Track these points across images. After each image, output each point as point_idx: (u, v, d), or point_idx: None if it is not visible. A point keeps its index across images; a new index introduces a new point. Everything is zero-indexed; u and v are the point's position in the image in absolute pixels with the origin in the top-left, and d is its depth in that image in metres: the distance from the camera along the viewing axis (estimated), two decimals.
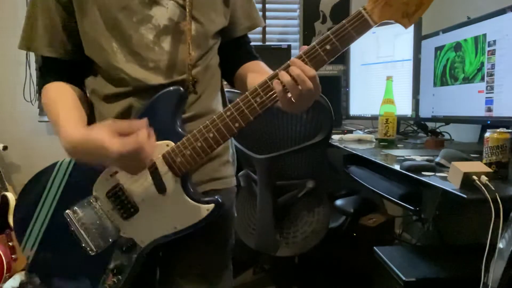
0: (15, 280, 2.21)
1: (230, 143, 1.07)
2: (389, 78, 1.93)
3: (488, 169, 1.03)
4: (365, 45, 2.38)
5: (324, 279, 2.30)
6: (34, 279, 0.97)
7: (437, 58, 2.01)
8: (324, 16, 2.86)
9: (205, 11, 0.95)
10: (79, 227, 0.93)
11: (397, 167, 1.29)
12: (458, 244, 2.05)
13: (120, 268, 0.93)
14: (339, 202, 1.78)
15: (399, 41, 2.21)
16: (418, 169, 1.21)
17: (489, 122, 1.67)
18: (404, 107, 2.14)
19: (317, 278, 2.29)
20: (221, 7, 0.99)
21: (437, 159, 1.30)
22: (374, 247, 1.62)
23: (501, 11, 1.60)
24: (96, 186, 0.93)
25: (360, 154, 1.63)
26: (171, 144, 0.88)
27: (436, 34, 2.02)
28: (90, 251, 0.93)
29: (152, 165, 0.88)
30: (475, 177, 0.99)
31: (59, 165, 0.96)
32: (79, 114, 0.92)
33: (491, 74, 1.65)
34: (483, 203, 0.94)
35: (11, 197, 2.34)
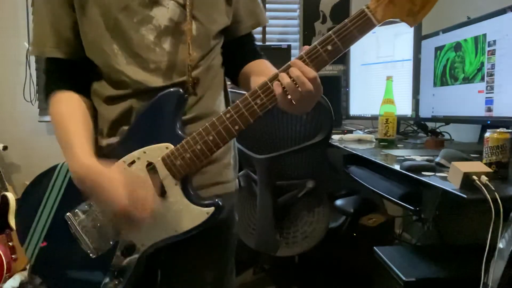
0: (15, 280, 2.20)
1: (232, 144, 1.05)
2: (389, 78, 1.93)
3: (488, 169, 1.03)
4: (365, 45, 2.38)
5: (324, 279, 2.30)
6: (36, 279, 0.97)
7: (437, 58, 2.01)
8: (324, 16, 2.86)
9: (206, 11, 0.94)
10: (79, 230, 0.93)
11: (397, 167, 1.29)
12: (458, 244, 2.05)
13: (121, 271, 0.92)
14: (339, 202, 1.78)
15: (399, 41, 2.21)
16: (418, 169, 1.21)
17: (489, 122, 1.67)
18: (404, 107, 2.14)
19: (317, 278, 2.29)
20: (223, 6, 0.97)
21: (437, 159, 1.30)
22: (374, 247, 1.62)
23: (501, 11, 1.60)
24: None
25: (360, 154, 1.63)
26: (170, 146, 0.87)
27: (436, 34, 2.01)
28: (91, 254, 0.92)
29: (151, 168, 0.87)
30: (475, 177, 0.99)
31: (60, 167, 0.96)
32: (91, 139, 0.92)
33: (491, 74, 1.65)
34: (483, 203, 0.94)
35: (11, 197, 2.34)
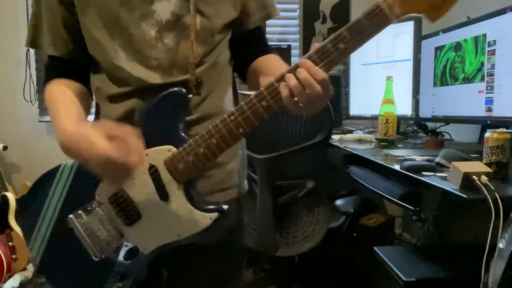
0: (15, 280, 2.20)
1: (240, 145, 0.99)
2: (389, 78, 1.93)
3: (488, 169, 1.03)
4: (365, 45, 2.37)
5: (324, 279, 2.30)
6: (38, 279, 0.97)
7: (437, 58, 2.01)
8: (324, 16, 2.85)
9: (212, 3, 0.89)
10: (82, 232, 0.91)
11: (397, 167, 1.29)
12: (458, 244, 2.05)
13: (125, 274, 0.90)
14: (339, 202, 1.78)
15: (399, 41, 2.21)
16: (418, 169, 1.21)
17: (489, 122, 1.67)
18: (404, 107, 2.13)
19: (317, 278, 2.29)
20: None
21: (437, 159, 1.30)
22: (374, 247, 1.61)
23: (501, 11, 1.60)
24: (99, 191, 0.90)
25: (360, 154, 1.63)
26: (173, 149, 0.84)
27: (436, 34, 2.01)
28: (94, 257, 0.91)
29: (154, 171, 0.85)
30: (475, 177, 0.99)
31: (62, 168, 0.94)
32: (76, 109, 0.90)
33: (491, 74, 1.65)
34: (483, 203, 0.94)
35: (11, 197, 2.33)
